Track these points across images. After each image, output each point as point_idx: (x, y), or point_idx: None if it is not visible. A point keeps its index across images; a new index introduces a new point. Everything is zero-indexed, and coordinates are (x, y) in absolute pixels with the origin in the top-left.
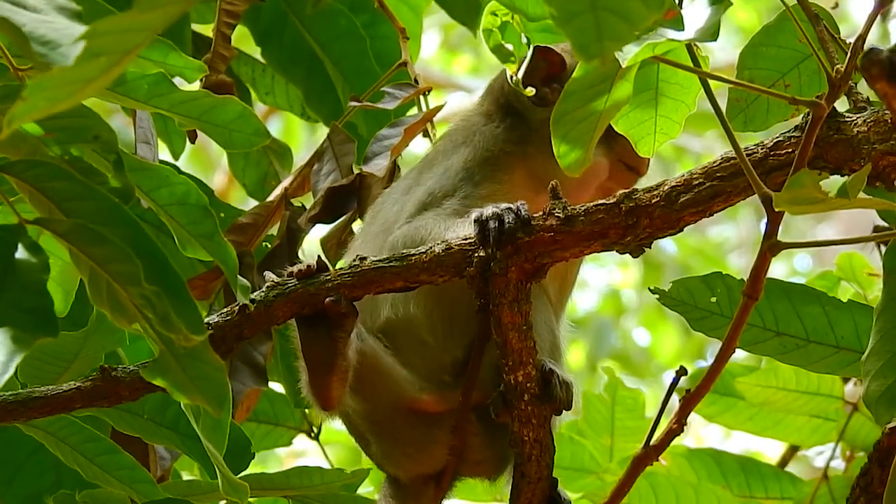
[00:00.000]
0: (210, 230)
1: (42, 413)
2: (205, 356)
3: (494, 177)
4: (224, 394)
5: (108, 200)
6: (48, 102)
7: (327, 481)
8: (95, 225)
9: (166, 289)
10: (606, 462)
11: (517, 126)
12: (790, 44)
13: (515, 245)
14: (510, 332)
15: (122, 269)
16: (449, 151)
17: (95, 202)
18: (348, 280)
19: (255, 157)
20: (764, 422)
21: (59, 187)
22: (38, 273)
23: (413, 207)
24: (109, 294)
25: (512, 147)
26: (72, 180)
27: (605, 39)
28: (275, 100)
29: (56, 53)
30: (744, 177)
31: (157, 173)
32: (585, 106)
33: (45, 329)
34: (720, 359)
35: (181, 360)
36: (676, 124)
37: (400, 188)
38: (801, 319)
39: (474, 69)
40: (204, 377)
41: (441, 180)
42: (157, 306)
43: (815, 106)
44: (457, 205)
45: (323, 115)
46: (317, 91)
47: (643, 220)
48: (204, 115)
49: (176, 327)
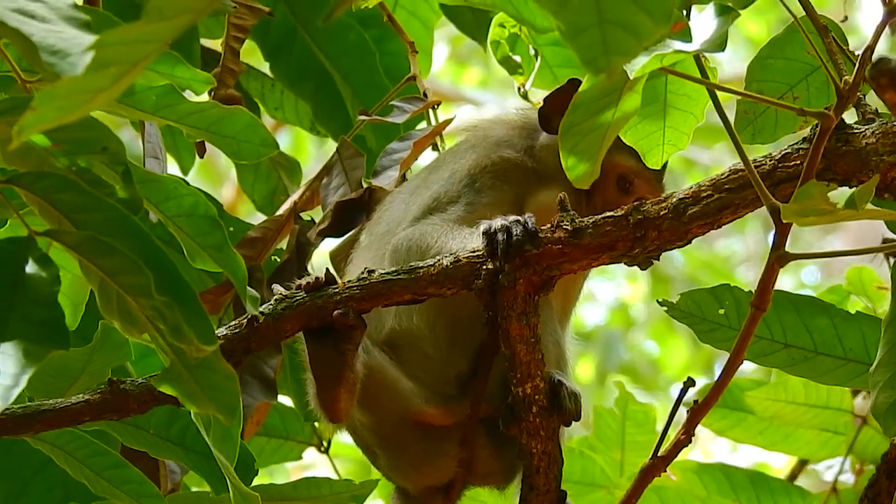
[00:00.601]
0: (219, 241)
1: (51, 426)
2: (216, 366)
3: (495, 185)
4: (235, 403)
5: (116, 211)
6: (58, 113)
7: (336, 492)
8: (105, 236)
9: (177, 299)
10: (617, 477)
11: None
12: (799, 56)
13: (524, 258)
14: (518, 344)
15: (133, 280)
16: (459, 155)
17: (104, 213)
18: (356, 293)
19: (265, 171)
20: (774, 436)
21: (68, 199)
22: (49, 286)
23: (418, 210)
24: (120, 305)
25: (515, 156)
26: (80, 192)
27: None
28: (284, 115)
29: (65, 63)
30: (752, 189)
31: (165, 185)
32: (593, 118)
33: (57, 342)
34: (728, 370)
35: (192, 370)
36: (685, 136)
37: (408, 188)
38: (809, 331)
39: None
40: (215, 387)
41: (446, 185)
42: (167, 317)
43: (823, 117)
44: (461, 211)
45: (332, 130)
46: (326, 106)
47: (651, 233)
48: (212, 125)
49: (187, 338)
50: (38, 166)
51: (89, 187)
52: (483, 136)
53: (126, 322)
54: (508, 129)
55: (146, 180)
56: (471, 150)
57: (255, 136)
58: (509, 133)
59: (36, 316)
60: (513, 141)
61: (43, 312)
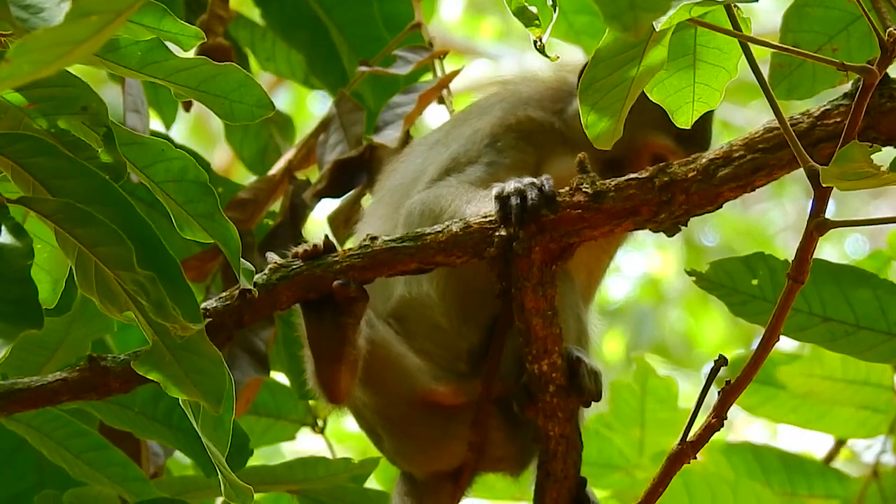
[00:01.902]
0: (210, 209)
1: (26, 406)
2: (201, 348)
3: (518, 146)
4: (222, 389)
5: (97, 178)
6: (33, 66)
7: (333, 472)
8: (83, 204)
9: (161, 273)
10: (636, 457)
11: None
12: (838, 4)
13: (539, 223)
14: (534, 318)
15: (113, 251)
16: (484, 110)
17: (84, 179)
18: (358, 261)
19: (255, 128)
20: (808, 414)
21: (44, 163)
22: (22, 259)
23: (435, 171)
24: (98, 279)
25: (543, 117)
26: (58, 156)
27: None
28: (276, 66)
29: (38, 18)
30: (788, 149)
31: (152, 148)
32: (616, 73)
33: (30, 320)
34: (763, 346)
35: (175, 352)
36: (716, 92)
37: (428, 141)
38: (850, 304)
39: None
40: (200, 370)
41: (467, 144)
42: (150, 292)
43: (866, 72)
44: (480, 172)
45: (328, 83)
46: (321, 57)
47: (678, 196)
48: (202, 84)
49: (172, 315)
50: (13, 127)
51: (68, 151)
52: (512, 91)
53: (105, 298)
54: (541, 87)
55: (131, 142)
56: (496, 105)
57: (248, 95)
58: (541, 92)
59: (8, 293)
60: (543, 101)
61: (15, 289)
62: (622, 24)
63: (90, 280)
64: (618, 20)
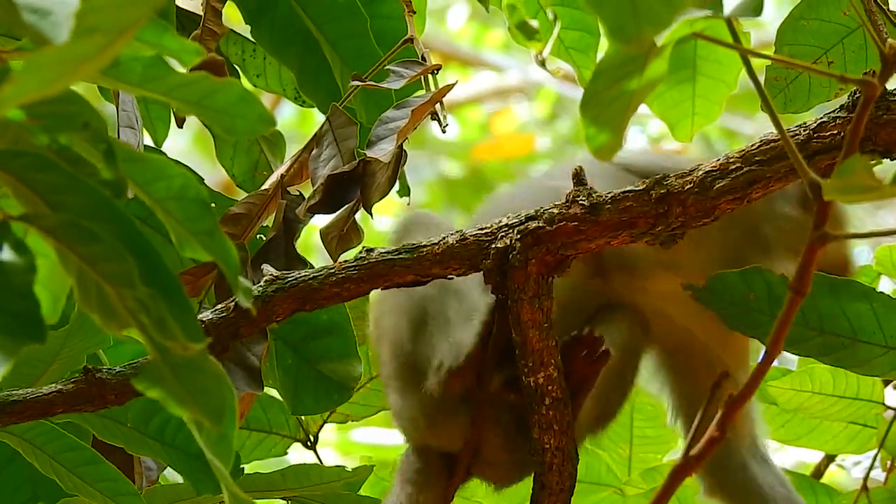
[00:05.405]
0: (210, 227)
1: (20, 418)
2: (202, 366)
3: None
4: (223, 406)
5: (98, 194)
6: (39, 84)
7: (326, 480)
8: (85, 220)
9: (161, 291)
10: (625, 475)
11: None
12: (834, 17)
13: (536, 235)
14: (531, 330)
15: (114, 268)
16: None
17: (85, 196)
18: (354, 273)
19: (245, 144)
20: (798, 429)
21: (46, 179)
22: (24, 274)
23: None
24: (99, 297)
25: None
26: (59, 172)
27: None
28: (266, 83)
29: (47, 22)
30: (785, 161)
31: (153, 165)
32: (616, 86)
33: (32, 334)
34: (766, 359)
35: (176, 369)
36: (716, 105)
37: None
38: (847, 317)
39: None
40: (201, 389)
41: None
42: (151, 310)
43: (866, 85)
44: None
45: (318, 100)
46: (312, 74)
47: (675, 208)
48: (203, 99)
49: (173, 333)
50: (13, 144)
51: (69, 167)
52: None
53: (106, 316)
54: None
55: (131, 159)
56: None
57: (250, 110)
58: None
59: (10, 307)
60: None
61: (17, 303)
62: (625, 36)
63: (90, 297)
64: (621, 33)
